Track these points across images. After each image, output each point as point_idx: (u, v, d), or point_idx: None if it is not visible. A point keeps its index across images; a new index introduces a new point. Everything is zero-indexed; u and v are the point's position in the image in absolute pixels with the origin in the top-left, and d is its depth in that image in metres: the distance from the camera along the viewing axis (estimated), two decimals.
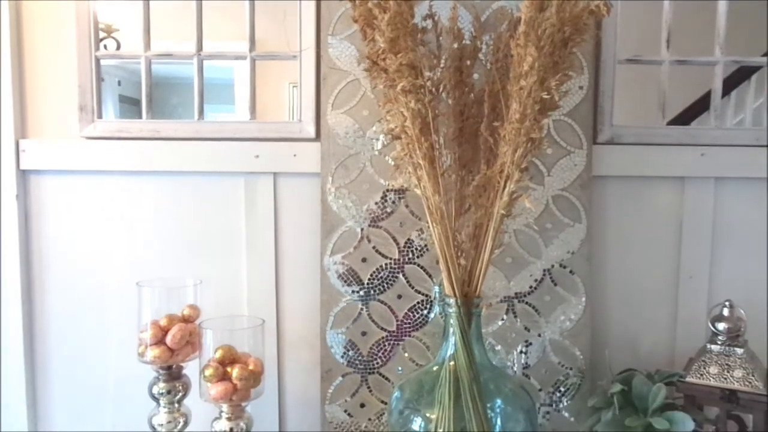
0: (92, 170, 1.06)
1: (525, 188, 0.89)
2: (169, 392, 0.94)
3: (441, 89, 0.83)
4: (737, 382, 0.88)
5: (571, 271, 1.01)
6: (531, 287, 1.01)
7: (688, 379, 0.91)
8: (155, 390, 0.94)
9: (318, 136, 1.03)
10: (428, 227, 0.84)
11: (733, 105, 2.21)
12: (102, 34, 1.09)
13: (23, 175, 1.07)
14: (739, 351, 0.90)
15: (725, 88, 1.11)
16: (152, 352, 0.91)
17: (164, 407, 0.95)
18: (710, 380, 0.89)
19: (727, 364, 0.90)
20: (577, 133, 1.00)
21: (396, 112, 0.80)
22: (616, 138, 1.03)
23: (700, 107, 2.06)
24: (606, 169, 1.03)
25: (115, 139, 1.05)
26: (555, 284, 1.01)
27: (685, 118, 2.09)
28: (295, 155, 1.04)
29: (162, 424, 0.94)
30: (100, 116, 1.06)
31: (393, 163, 0.97)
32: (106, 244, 1.08)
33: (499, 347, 1.02)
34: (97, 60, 1.05)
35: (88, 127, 1.05)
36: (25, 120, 1.07)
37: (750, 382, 0.87)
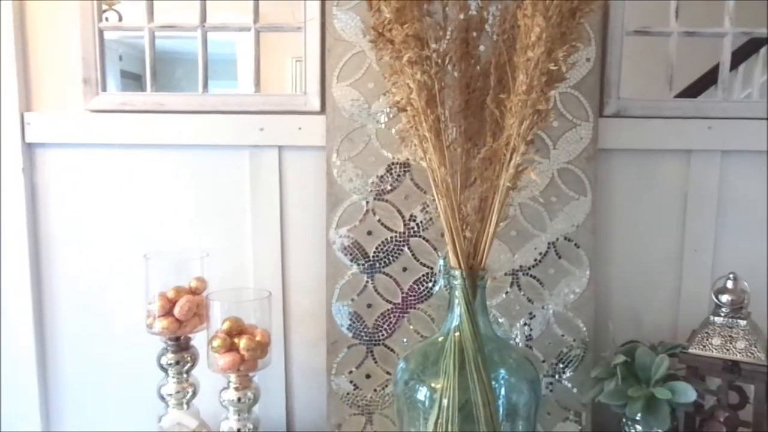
0: (97, 143, 1.06)
1: (531, 161, 0.89)
2: (177, 363, 0.95)
3: (447, 61, 0.83)
4: (740, 353, 0.89)
5: (575, 245, 1.02)
6: (535, 260, 1.02)
7: (691, 350, 0.92)
8: (164, 361, 0.96)
9: (323, 109, 1.03)
10: (434, 200, 0.85)
11: (740, 79, 2.19)
12: (104, 6, 1.08)
13: (29, 149, 1.07)
14: (742, 323, 0.91)
15: (733, 61, 1.10)
16: (160, 324, 0.92)
17: (173, 377, 0.96)
18: (713, 351, 0.90)
19: (729, 336, 0.90)
20: (583, 106, 1.00)
21: (402, 84, 0.80)
22: (623, 111, 1.03)
23: (707, 81, 2.04)
24: (612, 143, 1.03)
25: (120, 112, 1.05)
26: (559, 257, 1.02)
27: (693, 92, 2.07)
28: (300, 128, 1.04)
29: (171, 394, 0.96)
30: (104, 89, 1.05)
31: (398, 136, 0.97)
32: (113, 217, 1.08)
33: (503, 320, 1.03)
34: (101, 32, 1.04)
35: (92, 100, 1.05)
36: (29, 93, 1.07)
37: (752, 354, 0.88)
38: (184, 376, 0.97)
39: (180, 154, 1.07)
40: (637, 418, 0.89)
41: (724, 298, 0.92)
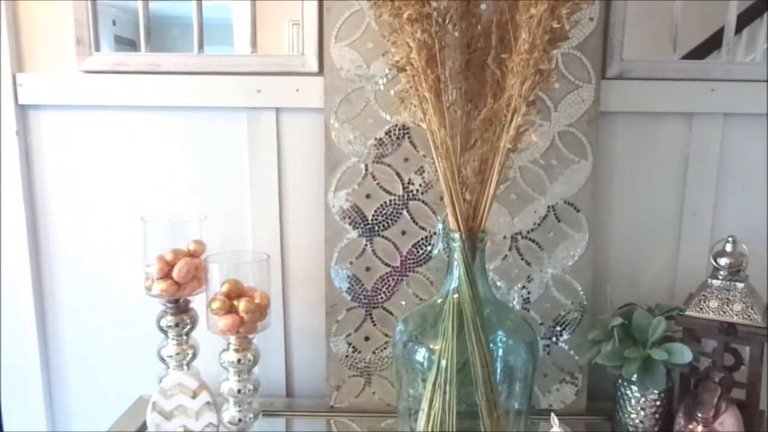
0: (91, 105, 1.05)
1: (532, 122, 0.88)
2: (177, 325, 0.96)
3: (447, 20, 0.81)
4: (736, 315, 0.89)
5: (575, 208, 1.01)
6: (535, 224, 1.02)
7: (688, 312, 0.92)
8: (163, 323, 0.96)
9: (321, 70, 1.01)
10: (433, 163, 0.84)
11: (744, 44, 2.15)
12: None
13: (22, 111, 1.05)
14: (740, 285, 0.91)
15: (738, 24, 1.08)
16: (159, 286, 0.92)
17: (173, 339, 0.96)
18: (710, 314, 0.91)
19: (727, 299, 0.91)
20: (585, 67, 0.98)
21: (401, 43, 0.78)
22: (626, 73, 1.01)
23: (711, 45, 2.01)
24: (614, 105, 1.02)
25: (114, 72, 1.03)
26: (559, 221, 1.02)
27: (696, 55, 2.04)
28: (297, 90, 1.02)
29: (171, 356, 0.96)
30: (98, 49, 1.03)
31: (398, 97, 0.96)
32: (109, 180, 1.08)
33: (501, 283, 1.03)
34: None
35: (85, 60, 1.03)
36: (21, 54, 1.05)
37: (749, 316, 0.88)
38: (184, 338, 0.97)
39: (176, 117, 1.06)
40: (633, 379, 0.91)
41: (723, 261, 0.92)
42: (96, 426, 0.98)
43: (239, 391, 0.92)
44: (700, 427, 0.84)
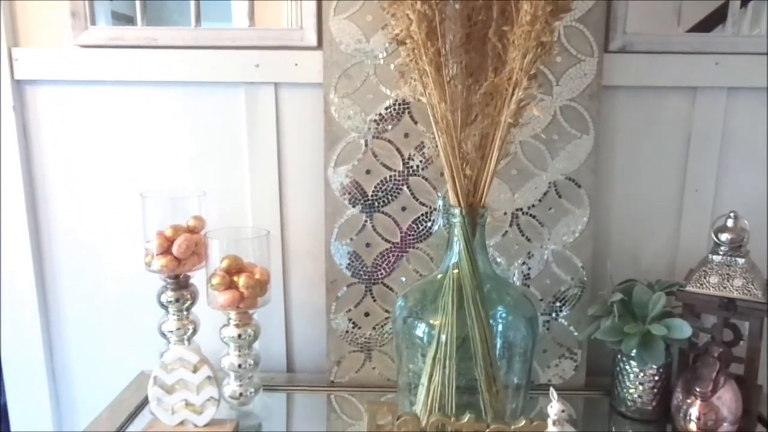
0: (88, 80, 1.03)
1: (533, 96, 0.87)
2: (177, 300, 0.96)
3: None
4: (736, 290, 0.89)
5: (576, 184, 1.01)
6: (536, 199, 1.01)
7: (688, 288, 0.92)
8: (163, 298, 0.96)
9: (320, 44, 1.00)
10: (433, 138, 0.83)
11: (749, 17, 2.13)
12: None
13: (18, 86, 1.04)
14: (741, 261, 0.91)
15: None
16: (159, 262, 0.92)
17: (173, 314, 0.97)
18: (710, 289, 0.91)
19: (727, 274, 0.91)
20: (588, 40, 0.97)
21: (401, 15, 0.77)
22: (629, 46, 1.00)
23: (716, 18, 1.98)
24: (617, 79, 1.01)
25: (110, 47, 1.02)
26: (560, 196, 1.01)
27: (701, 29, 2.02)
28: (296, 64, 1.01)
29: (172, 331, 0.97)
30: (93, 23, 1.02)
31: (398, 71, 0.94)
32: (107, 156, 1.07)
33: (501, 259, 1.03)
34: None
35: (81, 34, 1.02)
36: (16, 28, 1.03)
37: (749, 291, 0.88)
38: (184, 313, 0.97)
39: (174, 92, 1.05)
40: (632, 354, 0.91)
41: (724, 236, 0.92)
42: (99, 400, 0.99)
43: (240, 365, 0.93)
44: (698, 402, 0.84)
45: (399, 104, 0.99)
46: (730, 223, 0.92)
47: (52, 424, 1.15)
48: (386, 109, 0.99)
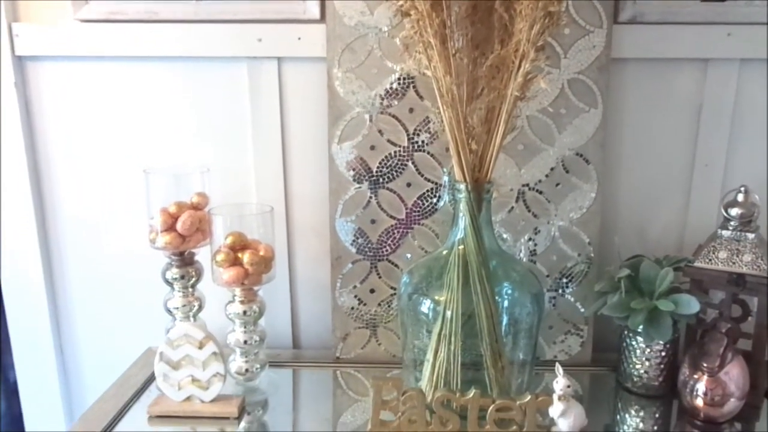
0: (89, 56, 1.02)
1: (540, 69, 0.85)
2: (182, 277, 0.96)
3: None
4: (745, 266, 0.88)
5: (584, 159, 0.99)
6: (542, 174, 1.00)
7: (696, 263, 0.91)
8: (169, 275, 0.96)
9: (323, 17, 0.98)
10: (439, 113, 0.82)
11: None
12: None
13: (20, 62, 1.03)
14: (751, 236, 0.90)
15: None
16: (163, 239, 0.92)
17: (179, 291, 0.97)
18: (718, 265, 0.90)
19: (737, 249, 0.90)
20: (597, 11, 0.95)
21: None
22: (639, 16, 0.97)
23: None
24: (626, 51, 0.98)
25: (111, 21, 1.01)
26: (567, 172, 1.00)
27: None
28: (299, 38, 1.00)
29: (177, 307, 0.97)
30: None
31: (402, 44, 0.93)
32: (110, 132, 1.06)
33: (507, 235, 1.02)
34: None
35: (82, 9, 1.00)
36: (16, 3, 1.02)
37: (758, 266, 0.87)
38: (190, 290, 0.98)
39: (176, 67, 1.03)
40: (639, 330, 0.90)
41: (734, 211, 0.91)
42: (107, 376, 1.00)
43: (245, 342, 0.93)
44: (705, 377, 0.84)
45: (404, 78, 0.97)
46: (740, 197, 0.91)
47: (61, 400, 1.16)
48: (391, 83, 0.98)
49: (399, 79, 0.98)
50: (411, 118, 0.99)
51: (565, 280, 1.03)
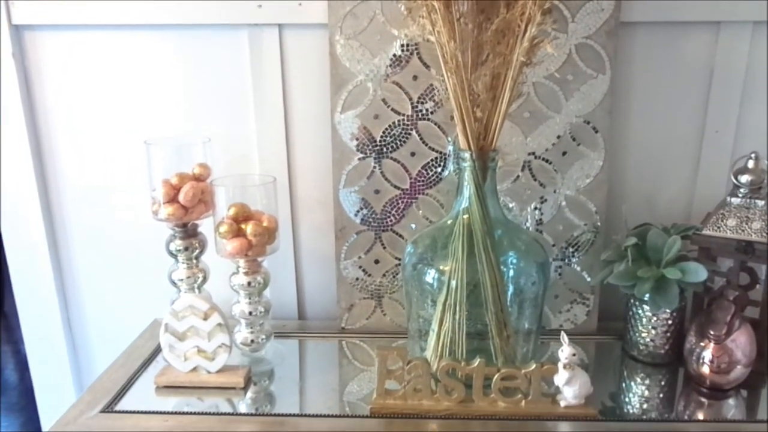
0: (88, 24, 1.00)
1: (547, 33, 0.83)
2: (186, 249, 0.96)
3: None
4: (755, 233, 0.87)
5: (592, 126, 0.97)
6: (549, 143, 0.98)
7: (705, 231, 0.90)
8: (172, 247, 0.96)
9: None
10: (443, 80, 0.80)
11: None
12: None
13: (17, 31, 1.02)
14: (760, 203, 0.88)
15: None
16: (166, 210, 0.92)
17: (183, 263, 0.97)
18: (727, 233, 0.89)
19: (746, 217, 0.88)
20: None
21: None
22: None
23: None
24: (636, 15, 0.96)
25: None
26: (574, 139, 0.98)
27: None
28: (300, 4, 0.97)
29: (182, 279, 0.97)
30: None
31: (405, 8, 0.90)
32: (110, 102, 1.05)
33: (513, 204, 1.01)
34: None
35: None
36: None
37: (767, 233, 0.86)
38: (194, 261, 0.97)
39: (176, 35, 1.01)
40: (645, 298, 0.90)
41: (744, 178, 0.89)
42: (114, 348, 1.00)
43: (250, 313, 0.93)
44: (711, 344, 0.83)
45: (407, 45, 0.95)
46: (750, 164, 0.89)
47: (71, 372, 1.17)
48: (394, 50, 0.96)
49: (403, 45, 0.96)
50: (415, 86, 0.97)
51: (571, 250, 1.02)
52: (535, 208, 1.01)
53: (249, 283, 0.92)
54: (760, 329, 0.87)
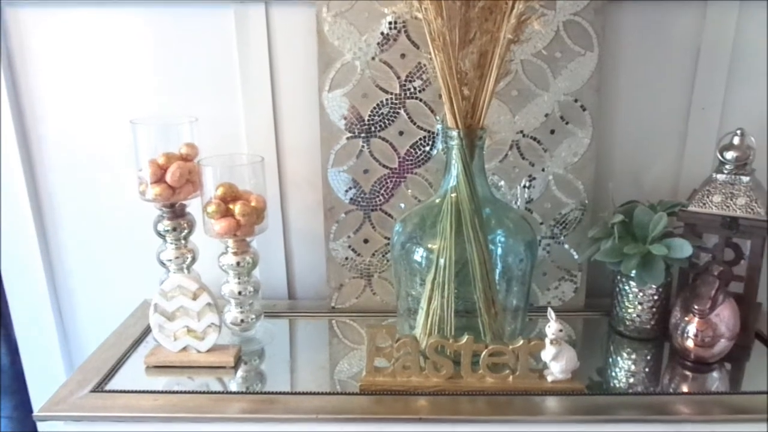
0: (71, 0, 0.99)
1: (534, 10, 0.83)
2: (174, 229, 0.95)
3: None
4: (739, 209, 0.88)
5: (580, 104, 0.97)
6: (537, 121, 0.98)
7: (691, 207, 0.91)
8: (160, 227, 0.96)
9: None
10: (431, 58, 0.80)
11: None
12: None
13: None
14: (745, 179, 0.89)
15: None
16: (153, 190, 0.91)
17: (171, 243, 0.96)
18: (712, 209, 0.90)
19: (731, 193, 0.89)
20: None
21: None
22: None
23: None
24: None
25: None
26: (561, 118, 0.98)
27: None
28: None
29: (171, 260, 0.97)
30: None
31: None
32: (95, 81, 1.03)
33: (501, 183, 1.01)
34: None
35: None
36: None
37: (752, 209, 0.87)
38: (182, 242, 0.97)
39: (162, 13, 1.00)
40: (632, 274, 0.91)
41: (729, 154, 0.90)
42: (103, 329, 1.00)
43: (240, 293, 0.93)
44: (696, 319, 0.85)
45: (395, 23, 0.95)
46: (736, 140, 0.90)
47: (61, 355, 1.17)
48: (382, 28, 0.95)
49: (390, 23, 0.95)
50: (403, 65, 0.97)
51: (559, 227, 1.03)
52: (525, 186, 1.01)
53: (238, 263, 0.92)
54: (743, 304, 0.89)
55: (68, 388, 0.84)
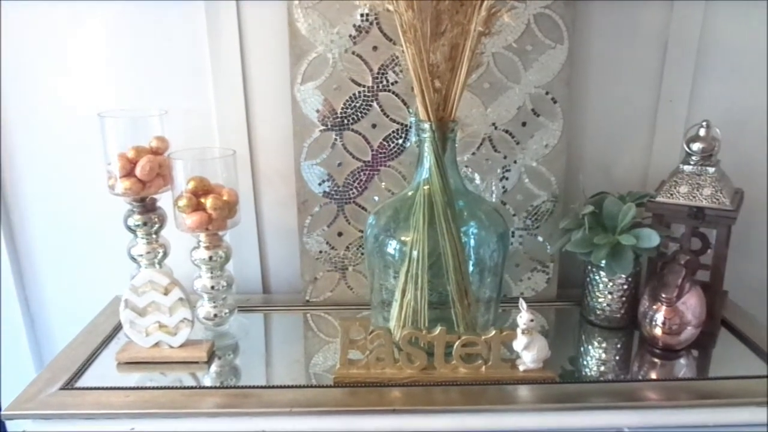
0: None
1: (504, 2, 0.83)
2: (145, 224, 0.94)
3: None
4: (705, 199, 0.90)
5: (550, 97, 0.98)
6: (509, 114, 0.99)
7: (658, 198, 0.93)
8: (130, 222, 0.94)
9: None
10: (403, 51, 0.80)
11: None
12: None
13: None
14: (711, 170, 0.91)
15: None
16: (123, 185, 0.90)
17: (142, 238, 0.95)
18: (679, 199, 0.91)
19: (697, 183, 0.91)
20: None
21: None
22: None
23: None
24: None
25: None
26: (533, 110, 0.99)
27: None
28: None
29: (142, 255, 0.95)
30: None
31: None
32: (62, 74, 1.01)
33: (476, 175, 1.02)
34: None
35: None
36: None
37: (717, 199, 0.89)
38: (153, 236, 0.96)
39: (132, 6, 0.98)
40: (602, 264, 0.92)
41: (695, 146, 0.92)
42: (74, 326, 0.99)
43: (212, 287, 0.92)
44: (663, 307, 0.86)
45: (367, 15, 0.95)
46: (702, 132, 0.92)
47: (30, 353, 1.15)
48: (354, 20, 0.95)
49: (362, 15, 0.95)
50: (375, 57, 0.97)
51: (531, 219, 1.04)
52: (501, 179, 1.02)
53: (210, 258, 0.91)
54: (709, 292, 0.91)
55: (37, 386, 0.82)
